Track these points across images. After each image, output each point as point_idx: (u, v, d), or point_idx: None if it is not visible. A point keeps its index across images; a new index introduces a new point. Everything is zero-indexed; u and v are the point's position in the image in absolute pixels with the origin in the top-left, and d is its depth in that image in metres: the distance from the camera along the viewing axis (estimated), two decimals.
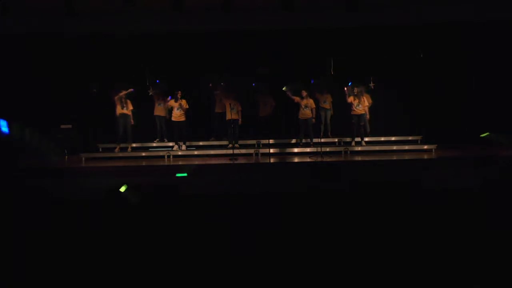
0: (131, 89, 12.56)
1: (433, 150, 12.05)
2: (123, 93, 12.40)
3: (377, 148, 12.55)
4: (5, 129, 11.47)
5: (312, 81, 13.18)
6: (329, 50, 13.44)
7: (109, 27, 13.12)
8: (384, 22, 13.10)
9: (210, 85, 13.43)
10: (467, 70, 13.54)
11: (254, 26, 13.03)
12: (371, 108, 12.91)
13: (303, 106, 12.67)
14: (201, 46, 13.55)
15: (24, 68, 13.17)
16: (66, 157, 12.58)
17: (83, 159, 11.98)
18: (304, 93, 12.64)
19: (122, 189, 7.55)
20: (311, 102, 12.72)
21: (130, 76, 12.97)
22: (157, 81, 13.23)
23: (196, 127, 13.57)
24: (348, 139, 12.87)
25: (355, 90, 12.54)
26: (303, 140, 12.95)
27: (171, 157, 12.13)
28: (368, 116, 12.79)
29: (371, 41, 13.45)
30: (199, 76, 13.74)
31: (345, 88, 12.73)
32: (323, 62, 13.44)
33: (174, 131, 12.68)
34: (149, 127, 13.23)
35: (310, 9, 12.65)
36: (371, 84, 12.85)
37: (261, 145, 12.83)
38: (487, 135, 11.54)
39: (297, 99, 12.65)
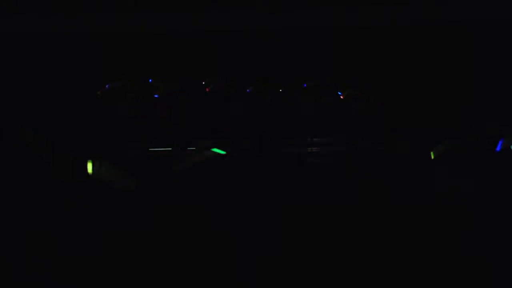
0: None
1: (433, 150, 12.01)
2: (118, 92, 12.37)
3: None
4: None
5: None
6: (329, 50, 13.40)
7: (108, 27, 13.10)
8: (384, 22, 13.09)
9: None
10: (467, 70, 13.52)
11: (254, 26, 13.02)
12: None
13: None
14: (201, 46, 13.52)
15: (24, 68, 13.15)
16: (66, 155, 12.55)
17: (83, 158, 11.95)
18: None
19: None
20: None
21: (130, 76, 12.93)
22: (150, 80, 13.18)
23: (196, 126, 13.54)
24: (348, 139, 12.83)
25: (350, 91, 12.52)
26: (303, 140, 12.92)
27: (171, 157, 12.10)
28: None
29: (371, 41, 13.43)
30: (199, 77, 13.69)
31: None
32: (323, 62, 13.40)
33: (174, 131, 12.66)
34: (149, 127, 13.19)
35: (310, 9, 12.63)
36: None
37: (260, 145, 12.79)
38: None
39: None
